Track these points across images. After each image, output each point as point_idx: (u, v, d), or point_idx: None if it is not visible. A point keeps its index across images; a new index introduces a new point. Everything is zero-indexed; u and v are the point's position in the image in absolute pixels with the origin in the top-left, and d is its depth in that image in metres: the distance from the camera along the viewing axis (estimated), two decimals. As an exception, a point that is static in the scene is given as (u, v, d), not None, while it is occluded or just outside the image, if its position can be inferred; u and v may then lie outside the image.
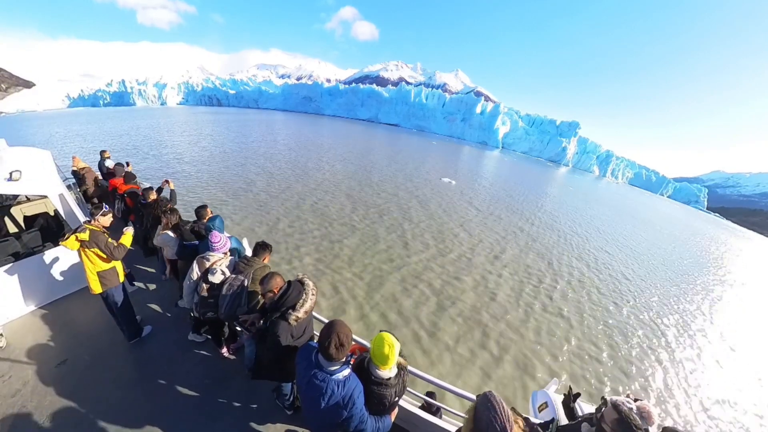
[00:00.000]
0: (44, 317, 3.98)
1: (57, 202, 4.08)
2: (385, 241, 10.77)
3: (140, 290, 4.71)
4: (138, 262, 5.27)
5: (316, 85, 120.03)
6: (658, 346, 8.12)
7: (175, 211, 4.10)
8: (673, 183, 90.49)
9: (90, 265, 3.21)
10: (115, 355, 3.57)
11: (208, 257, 3.11)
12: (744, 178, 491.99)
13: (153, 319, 4.16)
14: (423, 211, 14.81)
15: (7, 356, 3.39)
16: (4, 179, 3.62)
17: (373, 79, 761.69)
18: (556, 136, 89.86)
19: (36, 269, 3.99)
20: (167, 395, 3.16)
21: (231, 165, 18.84)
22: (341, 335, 1.70)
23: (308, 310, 2.27)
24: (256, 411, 3.10)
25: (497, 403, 1.38)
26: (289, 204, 13.17)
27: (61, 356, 3.46)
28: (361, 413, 1.72)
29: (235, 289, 2.83)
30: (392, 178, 20.87)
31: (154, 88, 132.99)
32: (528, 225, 16.11)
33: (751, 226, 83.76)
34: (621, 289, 11.02)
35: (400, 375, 1.88)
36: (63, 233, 4.47)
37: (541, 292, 9.35)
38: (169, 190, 5.33)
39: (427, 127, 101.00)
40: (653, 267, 14.65)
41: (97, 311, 4.12)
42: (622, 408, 1.74)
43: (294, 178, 17.50)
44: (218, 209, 11.34)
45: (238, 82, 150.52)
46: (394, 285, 8.18)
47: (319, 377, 1.73)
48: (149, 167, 16.59)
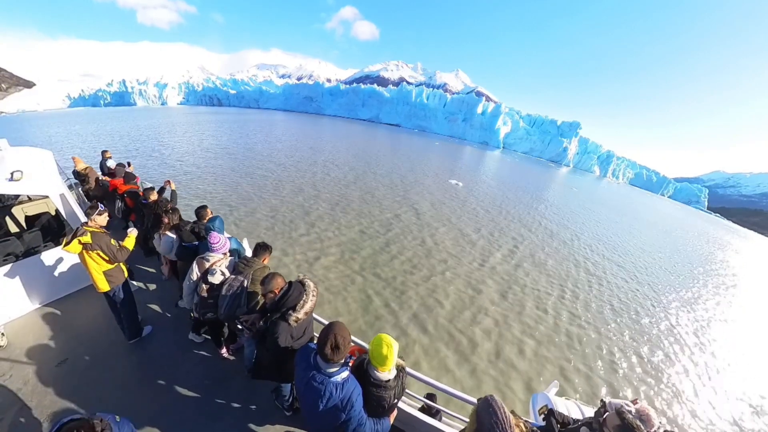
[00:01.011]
0: (45, 317, 3.99)
1: (58, 202, 4.09)
2: (404, 247, 10.67)
3: (140, 290, 4.71)
4: (138, 262, 5.27)
5: (318, 85, 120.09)
6: (678, 351, 8.15)
7: (176, 211, 4.12)
8: (673, 183, 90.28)
9: (95, 266, 3.23)
10: (115, 355, 3.58)
11: (207, 258, 3.11)
12: (744, 179, 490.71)
13: (153, 319, 4.17)
14: (437, 215, 14.65)
15: (8, 355, 3.40)
16: (6, 179, 3.64)
17: (374, 79, 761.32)
18: (557, 136, 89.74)
19: (37, 269, 4.00)
20: (167, 395, 3.17)
21: (234, 166, 18.82)
22: (338, 337, 1.70)
23: (308, 311, 2.26)
24: (255, 412, 3.10)
25: (498, 408, 1.39)
26: (296, 207, 13.16)
27: (62, 356, 3.47)
28: (359, 415, 1.72)
29: (234, 289, 2.83)
30: (401, 183, 20.49)
31: (155, 88, 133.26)
32: (532, 229, 16.08)
33: (752, 226, 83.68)
34: (640, 295, 11.06)
35: (398, 377, 1.87)
36: (63, 233, 4.49)
37: (566, 299, 9.31)
38: (170, 190, 5.34)
39: (429, 127, 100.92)
40: (662, 270, 14.67)
41: (97, 311, 4.13)
42: (626, 416, 1.73)
43: (300, 179, 17.41)
44: (219, 210, 11.36)
45: (239, 82, 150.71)
46: (422, 294, 8.01)
47: (318, 379, 1.73)
48: (151, 168, 16.64)
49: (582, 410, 2.93)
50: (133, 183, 5.54)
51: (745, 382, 7.48)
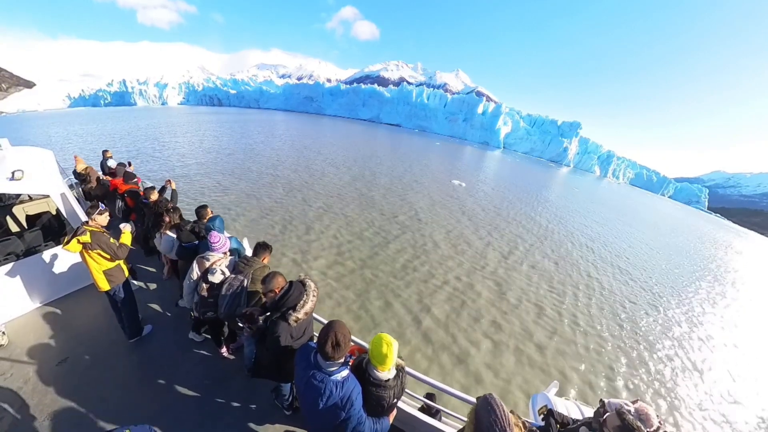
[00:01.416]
0: (45, 316, 4.00)
1: (59, 201, 4.10)
2: (405, 247, 10.62)
3: (141, 289, 4.72)
4: (138, 261, 5.28)
5: (318, 85, 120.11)
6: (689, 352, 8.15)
7: (177, 210, 4.13)
8: (674, 183, 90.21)
9: (95, 265, 3.25)
10: (116, 354, 3.58)
11: (207, 257, 3.12)
12: (744, 179, 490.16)
13: (153, 319, 4.18)
14: (437, 216, 14.59)
15: (9, 354, 3.41)
16: (7, 178, 3.65)
17: (374, 79, 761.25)
18: (557, 136, 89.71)
19: (37, 268, 4.02)
20: (167, 395, 3.18)
21: (235, 167, 18.74)
22: (339, 335, 1.71)
23: (308, 311, 2.26)
24: (254, 411, 3.11)
25: (497, 407, 1.39)
26: (296, 206, 13.17)
27: (62, 355, 3.48)
28: (359, 414, 1.72)
29: (234, 289, 2.84)
30: (410, 183, 20.29)
31: (155, 88, 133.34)
32: (533, 231, 16.08)
33: (752, 226, 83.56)
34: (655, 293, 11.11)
35: (398, 376, 1.87)
36: (64, 232, 4.49)
37: (567, 301, 9.27)
38: (171, 190, 5.35)
39: (429, 127, 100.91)
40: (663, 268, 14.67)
41: (98, 310, 4.14)
42: (626, 416, 1.73)
43: (301, 179, 17.34)
44: (218, 210, 11.36)
45: (239, 82, 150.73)
46: (444, 304, 7.80)
47: (318, 378, 1.73)
48: (152, 168, 16.63)
49: (582, 411, 2.93)
50: (133, 183, 5.55)
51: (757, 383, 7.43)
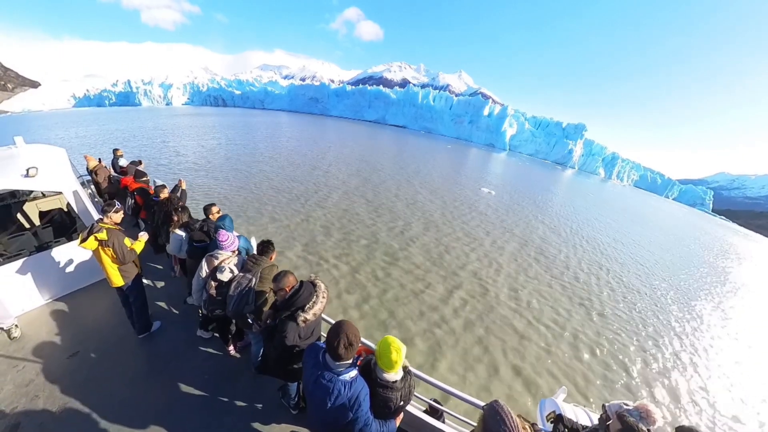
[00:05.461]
0: (57, 310, 4.08)
1: (71, 198, 4.17)
2: (420, 251, 10.28)
3: (150, 287, 4.78)
4: (148, 259, 5.34)
5: (323, 86, 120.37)
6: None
7: (186, 209, 4.18)
8: (678, 185, 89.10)
9: (109, 262, 3.31)
10: (125, 350, 3.64)
11: (216, 255, 3.15)
12: (749, 180, 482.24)
13: (162, 315, 4.24)
14: (494, 231, 13.95)
15: (22, 347, 3.48)
16: (21, 175, 3.72)
17: (377, 80, 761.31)
18: (562, 138, 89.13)
19: (49, 263, 4.09)
20: (174, 391, 3.21)
21: (243, 167, 18.58)
22: (350, 335, 1.71)
23: (317, 312, 2.27)
24: (261, 410, 3.13)
25: (505, 414, 1.40)
26: (307, 206, 13.14)
27: (73, 348, 3.54)
28: (366, 416, 1.72)
29: (243, 287, 2.85)
30: (437, 192, 19.14)
31: (160, 89, 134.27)
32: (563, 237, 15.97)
33: (757, 228, 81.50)
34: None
35: (406, 379, 1.87)
36: (74, 229, 4.57)
37: (583, 307, 9.06)
38: (180, 189, 5.41)
39: (435, 129, 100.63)
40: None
41: (108, 305, 4.21)
42: (626, 419, 1.73)
43: (310, 179, 17.14)
44: (227, 209, 11.42)
45: (244, 82, 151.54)
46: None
47: (326, 377, 1.74)
48: (160, 167, 16.71)
49: (591, 417, 2.91)
50: (143, 181, 5.62)
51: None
